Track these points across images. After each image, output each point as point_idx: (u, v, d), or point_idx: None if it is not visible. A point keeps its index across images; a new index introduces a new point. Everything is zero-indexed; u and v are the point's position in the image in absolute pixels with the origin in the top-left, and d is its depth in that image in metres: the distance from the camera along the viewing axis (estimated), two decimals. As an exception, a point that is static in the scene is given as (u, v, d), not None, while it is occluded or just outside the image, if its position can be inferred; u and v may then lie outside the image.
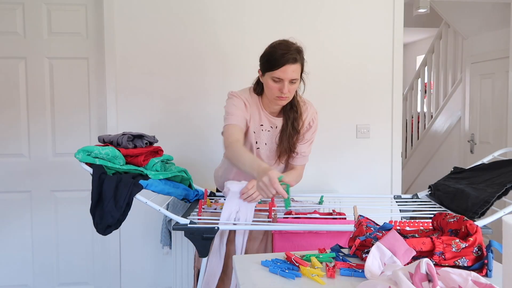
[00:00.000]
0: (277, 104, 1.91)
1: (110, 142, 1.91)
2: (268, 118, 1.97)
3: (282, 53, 1.79)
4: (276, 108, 1.97)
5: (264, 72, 1.87)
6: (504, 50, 4.00)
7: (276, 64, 1.79)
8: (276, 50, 1.81)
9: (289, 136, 1.95)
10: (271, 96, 1.88)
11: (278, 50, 1.81)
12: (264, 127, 1.98)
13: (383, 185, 2.97)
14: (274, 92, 1.85)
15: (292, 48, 1.82)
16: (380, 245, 1.15)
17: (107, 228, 1.72)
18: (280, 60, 1.78)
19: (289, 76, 1.80)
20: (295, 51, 1.82)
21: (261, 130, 1.97)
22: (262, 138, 1.98)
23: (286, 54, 1.79)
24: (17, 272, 2.85)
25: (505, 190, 1.73)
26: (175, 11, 2.78)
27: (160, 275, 2.89)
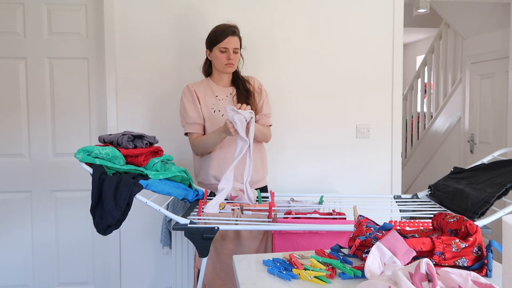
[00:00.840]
0: (226, 71, 2.30)
1: (110, 142, 1.91)
2: (221, 90, 2.34)
3: (224, 28, 2.25)
4: (225, 79, 2.35)
5: (212, 48, 2.28)
6: (504, 50, 4.01)
7: (221, 37, 2.23)
8: (219, 28, 2.27)
9: (245, 96, 2.30)
10: (220, 66, 2.28)
11: (220, 27, 2.27)
12: (220, 97, 2.32)
13: (383, 185, 2.97)
14: (222, 61, 2.26)
15: (230, 25, 2.27)
16: (380, 245, 1.15)
17: (107, 228, 1.72)
18: (224, 33, 2.23)
19: (232, 46, 2.24)
20: (233, 27, 2.27)
21: (218, 100, 2.31)
22: (222, 106, 2.29)
23: (227, 29, 2.24)
24: (17, 272, 2.85)
25: (505, 190, 1.73)
26: (175, 11, 2.78)
27: (160, 275, 2.89)
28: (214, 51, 2.27)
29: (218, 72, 2.34)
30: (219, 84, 2.36)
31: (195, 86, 2.35)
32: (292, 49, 2.85)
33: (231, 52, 2.24)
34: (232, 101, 2.31)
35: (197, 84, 2.37)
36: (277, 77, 2.84)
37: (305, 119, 2.89)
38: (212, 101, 2.31)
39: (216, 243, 1.89)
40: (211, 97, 2.32)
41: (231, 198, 2.05)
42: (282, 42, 2.84)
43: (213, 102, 2.31)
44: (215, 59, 2.29)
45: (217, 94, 2.33)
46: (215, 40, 2.25)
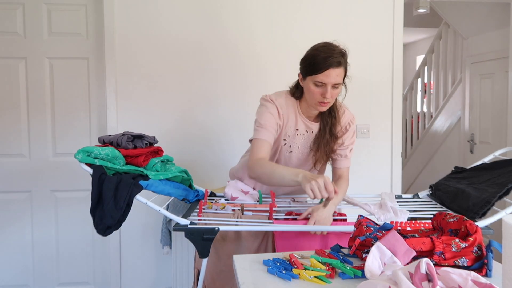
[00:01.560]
0: (318, 109, 1.83)
1: (110, 142, 1.90)
2: (304, 122, 1.89)
3: (325, 56, 1.71)
4: (314, 112, 1.88)
5: (305, 76, 1.78)
6: (503, 50, 4.00)
7: (319, 67, 1.71)
8: (319, 53, 1.73)
9: (327, 142, 1.88)
10: (312, 101, 1.80)
11: (321, 53, 1.72)
12: (300, 131, 1.89)
13: (383, 185, 2.97)
14: (316, 97, 1.76)
15: (336, 51, 1.73)
16: (380, 245, 1.15)
17: (107, 228, 1.71)
18: (323, 64, 1.70)
19: (332, 81, 1.72)
20: (339, 54, 1.74)
21: (296, 134, 1.89)
22: (296, 142, 1.90)
23: (330, 58, 1.70)
24: (17, 272, 2.85)
25: (506, 190, 1.73)
26: (175, 11, 2.78)
27: (160, 275, 2.89)
28: (307, 81, 1.77)
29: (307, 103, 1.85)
30: (305, 114, 1.89)
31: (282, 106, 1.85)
32: (292, 49, 2.85)
33: (329, 88, 1.74)
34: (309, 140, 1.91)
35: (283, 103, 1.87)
36: (277, 77, 2.83)
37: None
38: (289, 133, 1.88)
39: (216, 244, 1.89)
40: (291, 127, 1.88)
41: (231, 198, 2.04)
42: (281, 42, 2.84)
43: (290, 134, 1.88)
44: (307, 91, 1.80)
45: (298, 127, 1.88)
46: (311, 69, 1.74)
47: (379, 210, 1.85)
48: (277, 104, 1.84)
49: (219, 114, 2.85)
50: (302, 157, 1.94)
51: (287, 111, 1.86)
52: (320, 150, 1.88)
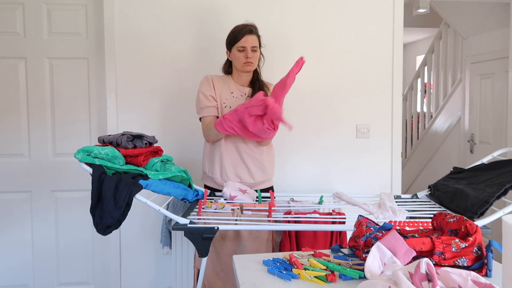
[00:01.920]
0: (245, 70, 2.29)
1: (110, 142, 1.91)
2: (238, 88, 2.34)
3: (241, 28, 2.26)
4: (244, 79, 2.35)
5: (231, 48, 2.29)
6: (503, 50, 4.01)
7: (238, 36, 2.24)
8: (237, 28, 2.28)
9: None
10: (239, 65, 2.28)
11: (238, 27, 2.28)
12: (234, 94, 2.33)
13: (383, 185, 2.97)
14: (241, 59, 2.26)
15: (247, 24, 2.28)
16: (380, 245, 1.15)
17: (107, 228, 1.72)
18: (241, 33, 2.24)
19: (250, 44, 2.24)
20: (251, 26, 2.28)
21: (232, 97, 2.32)
22: (234, 103, 2.30)
23: (244, 28, 2.26)
24: (17, 272, 2.85)
25: (505, 190, 1.73)
26: (175, 11, 2.78)
27: (160, 275, 2.89)
28: (233, 51, 2.28)
29: (237, 71, 2.33)
30: (238, 82, 2.36)
31: (214, 76, 2.36)
32: (291, 49, 2.85)
33: (249, 51, 2.24)
34: (245, 101, 2.28)
35: (216, 76, 2.38)
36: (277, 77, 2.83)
37: (305, 119, 2.89)
38: (226, 97, 2.31)
39: (216, 243, 1.89)
40: (227, 93, 2.32)
41: (230, 198, 2.05)
42: (280, 42, 2.84)
43: (227, 97, 2.31)
44: (234, 59, 2.29)
45: (232, 91, 2.33)
46: (233, 40, 2.26)
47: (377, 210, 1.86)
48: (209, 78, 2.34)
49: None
50: None
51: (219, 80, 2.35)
52: None
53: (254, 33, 2.27)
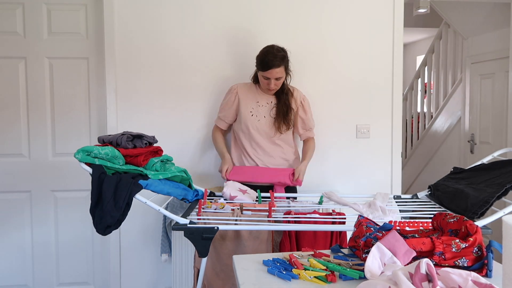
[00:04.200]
0: (268, 93, 2.51)
1: (110, 142, 1.90)
2: (263, 96, 2.53)
3: (270, 59, 2.35)
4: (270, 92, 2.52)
5: (257, 70, 2.45)
6: (504, 50, 4.00)
7: (264, 67, 2.36)
8: (265, 57, 2.37)
9: (283, 111, 2.48)
10: (263, 87, 2.49)
11: (266, 58, 2.37)
12: (260, 103, 2.52)
13: (383, 185, 2.96)
14: (264, 85, 2.46)
15: (277, 56, 2.36)
16: (381, 245, 1.15)
17: (107, 228, 1.72)
18: (268, 64, 2.35)
19: (274, 76, 2.38)
20: (280, 58, 2.37)
21: (258, 106, 2.51)
22: (260, 112, 2.51)
23: (272, 61, 2.34)
24: (17, 272, 2.84)
25: (505, 190, 1.73)
26: (175, 11, 2.78)
27: (160, 275, 2.89)
28: (259, 74, 2.44)
29: None
30: (264, 92, 2.53)
31: (240, 87, 2.57)
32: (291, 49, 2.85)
33: (272, 80, 2.39)
34: (270, 111, 2.50)
35: (243, 86, 2.58)
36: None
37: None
38: (252, 105, 2.51)
39: (215, 243, 1.89)
40: (253, 101, 2.52)
41: (230, 198, 2.05)
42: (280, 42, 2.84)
43: (253, 106, 2.51)
44: (259, 79, 2.46)
45: (258, 100, 2.53)
46: (259, 66, 2.40)
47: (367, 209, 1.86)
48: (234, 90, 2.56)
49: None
50: (269, 125, 2.50)
51: (245, 90, 2.55)
52: (278, 116, 2.48)
53: (281, 66, 2.36)
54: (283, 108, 2.48)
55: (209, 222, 1.74)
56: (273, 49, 2.38)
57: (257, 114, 2.50)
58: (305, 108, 2.58)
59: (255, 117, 2.49)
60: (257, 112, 2.50)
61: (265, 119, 2.50)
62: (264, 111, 2.50)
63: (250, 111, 2.50)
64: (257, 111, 2.50)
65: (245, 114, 2.50)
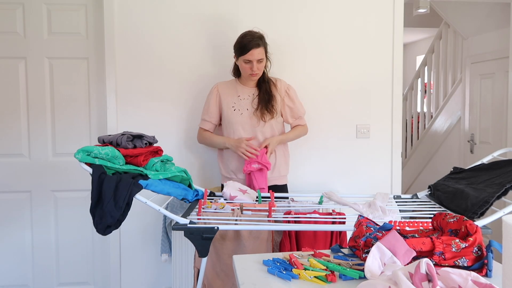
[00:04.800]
0: (251, 79, 2.44)
1: (110, 142, 1.91)
2: (244, 89, 2.48)
3: (249, 41, 2.31)
4: (252, 83, 2.47)
5: (237, 57, 2.40)
6: (504, 50, 4.00)
7: (245, 49, 2.32)
8: (243, 39, 2.34)
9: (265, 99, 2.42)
10: (245, 74, 2.41)
11: (244, 39, 2.34)
12: (242, 96, 2.47)
13: (383, 185, 2.96)
14: (247, 71, 2.37)
15: (255, 36, 2.33)
16: (381, 245, 1.15)
17: (107, 228, 1.72)
18: (247, 46, 2.31)
19: (255, 57, 2.32)
20: (258, 38, 2.33)
21: (239, 99, 2.46)
22: (243, 106, 2.45)
23: (251, 41, 2.31)
24: (17, 272, 2.84)
25: (505, 190, 1.73)
26: (175, 11, 2.78)
27: (160, 275, 2.89)
28: (239, 60, 2.38)
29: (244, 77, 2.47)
30: (245, 84, 2.49)
31: (221, 86, 2.52)
32: (291, 49, 2.85)
33: (255, 63, 2.33)
34: (252, 102, 2.45)
35: (224, 84, 2.53)
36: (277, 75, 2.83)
37: (305, 119, 2.88)
38: (234, 100, 2.46)
39: (216, 243, 1.89)
40: (234, 97, 2.47)
41: (230, 198, 2.05)
42: (281, 42, 2.84)
43: (235, 101, 2.46)
44: (240, 68, 2.41)
45: (239, 94, 2.48)
46: (239, 51, 2.35)
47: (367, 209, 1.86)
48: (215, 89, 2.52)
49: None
50: (252, 117, 2.44)
51: (225, 87, 2.51)
52: (261, 106, 2.41)
53: (261, 46, 2.33)
54: (264, 96, 2.43)
55: (209, 222, 1.74)
56: (250, 31, 2.37)
57: (239, 107, 2.45)
58: (291, 97, 2.53)
59: (237, 112, 2.45)
60: (239, 106, 2.45)
61: (248, 112, 2.44)
62: (246, 104, 2.45)
63: (232, 106, 2.46)
64: (239, 105, 2.45)
65: (227, 110, 2.46)
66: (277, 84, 2.51)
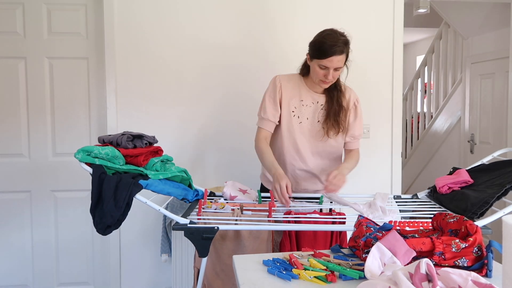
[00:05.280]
0: (320, 86, 2.08)
1: (110, 142, 1.90)
2: (310, 94, 2.10)
3: (330, 45, 1.92)
4: (320, 89, 2.11)
5: (312, 58, 2.01)
6: (504, 50, 4.00)
7: (324, 54, 1.93)
8: (326, 41, 1.94)
9: (335, 112, 2.07)
10: (316, 79, 2.04)
11: (327, 41, 1.94)
12: (305, 102, 2.10)
13: (383, 185, 2.97)
14: (319, 76, 2.00)
15: (340, 41, 1.95)
16: (381, 245, 1.15)
17: (107, 228, 1.72)
18: (328, 51, 1.92)
19: (334, 65, 1.95)
20: (342, 43, 1.95)
21: (301, 105, 2.09)
22: (304, 113, 2.10)
23: (334, 46, 1.92)
24: (17, 272, 2.85)
25: (505, 190, 1.73)
26: (175, 10, 2.78)
27: (160, 275, 2.89)
28: (313, 62, 2.01)
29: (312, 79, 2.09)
30: (311, 88, 2.12)
31: (284, 80, 2.11)
32: (291, 49, 2.85)
33: (331, 71, 1.97)
34: (317, 112, 2.09)
35: (287, 78, 2.13)
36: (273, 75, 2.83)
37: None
38: (295, 105, 2.09)
39: (216, 243, 1.89)
40: (296, 100, 2.10)
41: (230, 198, 2.05)
42: (281, 42, 2.84)
43: (296, 105, 2.09)
44: (312, 70, 2.04)
45: (303, 98, 2.10)
46: (316, 54, 1.98)
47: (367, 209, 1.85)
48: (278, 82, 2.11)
49: (218, 114, 2.85)
50: (312, 128, 2.10)
51: (288, 84, 2.10)
52: (329, 119, 2.07)
53: (344, 53, 1.97)
54: (335, 107, 2.07)
55: (209, 222, 1.74)
56: (334, 32, 1.98)
57: (300, 114, 2.09)
58: (357, 112, 2.16)
59: (296, 118, 2.09)
60: (300, 113, 2.09)
61: (308, 122, 2.10)
62: (308, 112, 2.09)
63: (292, 111, 2.09)
64: (300, 111, 2.09)
65: (287, 114, 2.09)
66: (346, 93, 2.14)
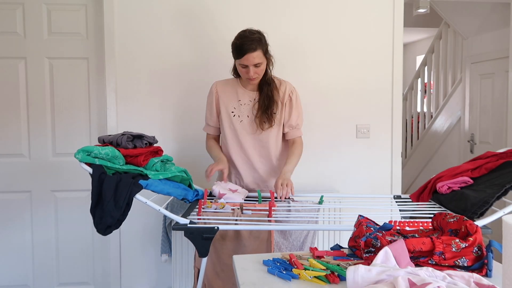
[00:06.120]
0: (250, 83, 2.21)
1: (110, 142, 1.91)
2: (245, 93, 2.25)
3: (242, 44, 2.05)
4: (252, 86, 2.24)
5: (234, 60, 2.16)
6: (504, 50, 4.00)
7: (239, 53, 2.07)
8: (238, 41, 2.08)
9: (267, 106, 2.19)
10: (244, 78, 2.19)
11: (239, 41, 2.07)
12: (242, 101, 2.24)
13: (383, 185, 2.97)
14: (244, 75, 2.15)
15: (251, 39, 2.06)
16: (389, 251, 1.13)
17: (107, 228, 1.72)
18: (242, 50, 2.05)
19: (252, 62, 2.07)
20: (254, 41, 2.06)
21: (240, 105, 2.24)
22: (243, 112, 2.24)
23: (246, 45, 2.04)
24: (17, 272, 2.84)
25: (505, 190, 1.73)
26: (175, 10, 2.78)
27: (160, 275, 2.89)
28: (236, 63, 2.17)
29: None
30: (246, 87, 2.25)
31: (220, 85, 2.28)
32: (291, 49, 2.85)
33: (251, 68, 2.09)
34: (253, 108, 2.22)
35: (224, 82, 2.29)
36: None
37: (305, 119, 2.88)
38: (234, 105, 2.24)
39: (216, 243, 1.89)
40: (234, 101, 2.24)
41: (219, 195, 2.04)
42: (281, 42, 2.84)
43: (235, 106, 2.24)
44: (238, 70, 2.19)
45: (240, 98, 2.24)
46: (234, 54, 2.12)
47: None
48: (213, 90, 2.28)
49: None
50: (252, 124, 2.23)
51: (224, 88, 2.27)
52: (260, 111, 2.19)
53: (257, 49, 2.07)
54: (265, 101, 2.19)
55: (209, 222, 1.74)
56: (246, 32, 2.10)
57: (239, 113, 2.23)
58: (292, 103, 2.27)
59: (237, 118, 2.23)
60: (239, 112, 2.23)
61: (248, 119, 2.23)
62: (247, 110, 2.23)
63: (232, 112, 2.24)
64: (239, 111, 2.23)
65: (227, 116, 2.24)
66: (281, 87, 2.25)
